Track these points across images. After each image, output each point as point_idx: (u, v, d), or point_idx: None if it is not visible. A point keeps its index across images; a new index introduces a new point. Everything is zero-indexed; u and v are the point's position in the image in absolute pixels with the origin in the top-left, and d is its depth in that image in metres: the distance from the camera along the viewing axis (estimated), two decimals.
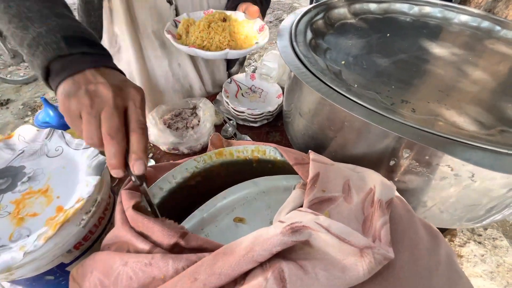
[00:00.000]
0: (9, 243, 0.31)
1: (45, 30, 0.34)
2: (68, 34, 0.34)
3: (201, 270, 0.24)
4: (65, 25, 0.35)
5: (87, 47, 0.35)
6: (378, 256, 0.23)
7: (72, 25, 0.36)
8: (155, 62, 0.78)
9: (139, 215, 0.29)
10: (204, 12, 0.57)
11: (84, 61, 0.34)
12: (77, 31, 0.35)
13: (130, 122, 0.32)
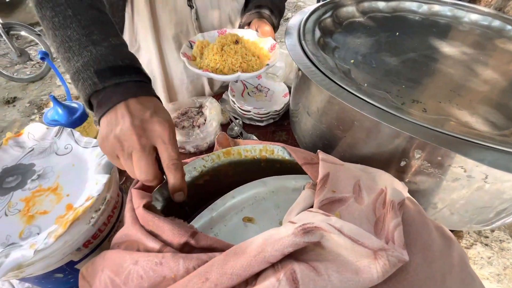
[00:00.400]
0: (19, 240, 0.31)
1: (81, 64, 0.35)
2: (100, 67, 0.35)
3: (212, 270, 0.24)
4: (99, 56, 0.35)
5: (118, 77, 0.35)
6: (393, 259, 0.22)
7: (104, 54, 0.36)
8: (172, 63, 0.80)
9: (149, 214, 0.29)
10: (218, 32, 0.57)
11: (115, 95, 0.34)
12: (110, 60, 0.36)
13: (162, 161, 0.33)
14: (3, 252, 0.29)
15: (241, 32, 0.59)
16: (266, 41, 0.56)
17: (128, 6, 0.68)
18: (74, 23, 0.36)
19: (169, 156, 0.33)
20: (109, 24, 0.39)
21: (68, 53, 0.36)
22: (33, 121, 2.24)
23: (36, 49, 3.03)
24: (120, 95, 0.34)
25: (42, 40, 2.56)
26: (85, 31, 0.36)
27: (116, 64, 0.36)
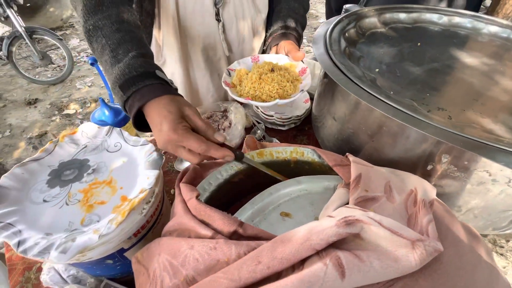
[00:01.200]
0: (81, 227, 0.35)
1: (112, 82, 0.44)
2: (121, 81, 0.43)
3: (263, 255, 0.27)
4: (119, 72, 0.44)
5: (134, 86, 0.43)
6: (429, 248, 0.25)
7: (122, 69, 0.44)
8: (198, 74, 0.84)
9: (202, 204, 0.32)
10: (252, 58, 0.63)
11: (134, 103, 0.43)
12: (126, 73, 0.43)
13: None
14: (69, 237, 0.33)
15: (274, 57, 0.63)
16: (297, 65, 0.61)
17: (155, 22, 0.73)
18: (106, 49, 0.46)
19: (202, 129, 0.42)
20: (132, 41, 0.47)
21: (107, 74, 0.46)
22: (54, 122, 2.32)
23: (57, 53, 3.16)
24: (138, 101, 0.42)
25: (63, 44, 2.66)
26: (113, 53, 0.45)
27: (131, 75, 0.43)
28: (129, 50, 0.45)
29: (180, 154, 0.41)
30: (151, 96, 0.42)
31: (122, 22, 0.48)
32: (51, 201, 0.37)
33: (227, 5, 0.72)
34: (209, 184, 0.41)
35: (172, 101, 0.42)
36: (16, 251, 0.32)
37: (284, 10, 0.76)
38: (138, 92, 0.43)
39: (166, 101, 0.42)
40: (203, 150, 0.40)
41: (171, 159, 0.70)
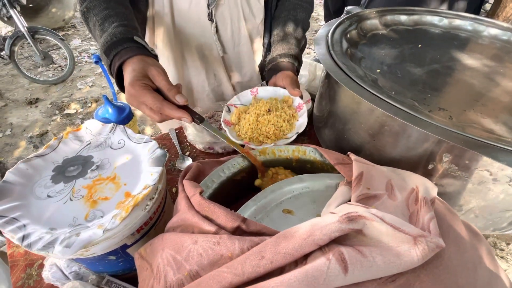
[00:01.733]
0: (85, 222, 0.35)
1: (100, 51, 0.52)
2: (105, 47, 0.50)
3: (266, 249, 0.27)
4: (103, 41, 0.50)
5: (114, 50, 0.49)
6: (431, 244, 0.25)
7: (106, 38, 0.50)
8: (193, 72, 0.84)
9: (206, 200, 0.32)
10: (251, 92, 0.66)
11: (115, 64, 0.49)
12: (108, 40, 0.50)
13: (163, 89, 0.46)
14: (73, 231, 0.33)
15: (272, 91, 0.66)
16: (294, 99, 0.63)
17: (149, 19, 0.74)
18: (96, 25, 0.54)
19: (164, 85, 0.46)
20: (116, 15, 0.54)
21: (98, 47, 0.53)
22: (54, 122, 2.33)
23: (59, 53, 3.17)
24: (118, 61, 0.48)
25: (65, 45, 2.67)
26: (100, 27, 0.53)
27: (112, 41, 0.50)
28: (112, 22, 0.52)
29: (143, 111, 0.46)
30: (126, 56, 0.48)
31: (109, 2, 0.55)
32: (55, 196, 0.37)
33: (220, 7, 0.73)
34: (212, 182, 0.41)
35: (140, 60, 0.47)
36: (21, 245, 0.33)
37: (283, 35, 0.76)
38: (117, 55, 0.49)
39: (135, 61, 0.47)
40: (157, 107, 0.44)
41: (172, 158, 0.70)
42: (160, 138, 0.75)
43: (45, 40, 3.07)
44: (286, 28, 0.77)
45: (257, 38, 0.85)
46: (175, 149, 0.72)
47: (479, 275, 0.28)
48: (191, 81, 0.87)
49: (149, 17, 0.74)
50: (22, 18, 2.53)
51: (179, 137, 0.75)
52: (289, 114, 0.58)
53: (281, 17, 0.78)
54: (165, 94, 0.46)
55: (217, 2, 0.71)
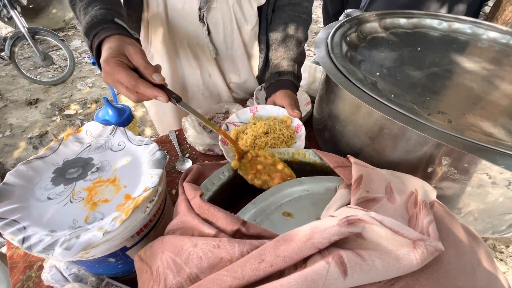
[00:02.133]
0: (85, 225, 0.35)
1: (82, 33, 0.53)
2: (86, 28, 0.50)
3: (266, 253, 0.28)
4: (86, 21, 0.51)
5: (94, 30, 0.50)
6: (430, 248, 0.25)
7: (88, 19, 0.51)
8: (188, 71, 0.85)
9: (206, 203, 0.33)
10: (250, 109, 0.65)
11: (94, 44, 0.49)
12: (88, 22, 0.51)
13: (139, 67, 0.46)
14: (73, 234, 0.33)
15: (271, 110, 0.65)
16: (293, 120, 0.63)
17: (144, 19, 0.74)
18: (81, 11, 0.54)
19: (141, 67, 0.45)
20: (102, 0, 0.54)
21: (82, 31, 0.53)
22: (54, 122, 2.33)
23: (59, 53, 3.17)
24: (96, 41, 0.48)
25: (65, 45, 2.68)
26: (84, 11, 0.54)
27: (93, 22, 0.50)
28: (96, 6, 0.53)
29: (119, 89, 0.45)
30: (104, 35, 0.48)
31: None
32: (56, 198, 0.37)
33: (212, 10, 0.73)
34: (212, 184, 0.42)
35: (118, 39, 0.47)
36: (21, 248, 0.33)
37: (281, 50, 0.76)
38: (97, 35, 0.49)
39: (112, 39, 0.47)
40: (132, 85, 0.43)
41: (172, 159, 0.70)
42: (160, 140, 0.76)
43: (46, 41, 3.07)
44: (284, 42, 0.77)
45: (252, 42, 0.85)
46: (175, 150, 0.72)
47: (478, 278, 0.28)
48: (186, 81, 0.87)
49: (144, 16, 0.75)
50: (23, 19, 2.53)
51: (179, 139, 0.76)
52: (287, 136, 0.59)
53: (278, 31, 0.78)
54: (142, 73, 0.45)
55: (209, 6, 0.71)
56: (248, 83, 0.93)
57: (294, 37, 0.78)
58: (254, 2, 0.76)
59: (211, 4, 0.71)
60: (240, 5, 0.75)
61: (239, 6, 0.75)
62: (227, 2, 0.73)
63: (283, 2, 0.79)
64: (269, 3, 0.78)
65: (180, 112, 0.92)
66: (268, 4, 0.78)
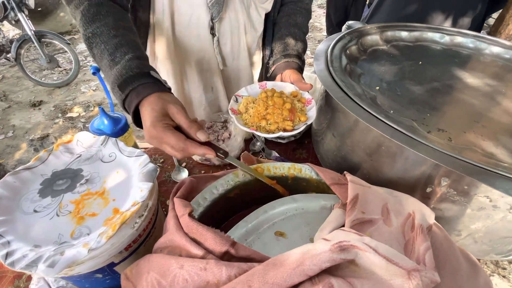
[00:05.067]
0: (71, 240, 0.34)
1: (111, 82, 0.49)
2: (119, 82, 0.47)
3: (254, 278, 0.26)
4: (118, 73, 0.48)
5: (131, 84, 0.47)
6: (426, 279, 0.24)
7: (120, 70, 0.48)
8: (191, 86, 0.84)
9: (194, 222, 0.31)
10: (259, 85, 0.64)
11: (132, 101, 0.47)
12: (123, 74, 0.47)
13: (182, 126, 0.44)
14: (58, 250, 0.32)
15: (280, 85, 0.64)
16: (303, 94, 0.62)
17: (150, 34, 0.74)
18: (105, 53, 0.50)
19: (184, 122, 0.44)
20: (128, 44, 0.51)
21: (106, 76, 0.50)
22: (56, 125, 2.34)
23: (64, 56, 3.20)
24: (136, 100, 0.46)
25: (71, 49, 2.70)
26: (111, 57, 0.49)
27: (128, 75, 0.47)
28: (125, 53, 0.49)
29: (165, 149, 0.44)
30: (145, 94, 0.46)
31: (118, 28, 0.52)
32: (42, 211, 0.36)
33: (223, 20, 0.73)
34: (204, 199, 0.41)
35: (159, 99, 0.45)
36: (4, 263, 0.32)
37: (285, 37, 0.76)
38: (134, 90, 0.47)
39: (153, 99, 0.45)
40: (181, 147, 0.43)
41: (168, 168, 0.69)
42: (157, 149, 0.75)
43: (52, 44, 3.10)
44: (287, 31, 0.77)
45: (256, 51, 0.85)
46: (171, 160, 0.71)
47: None
48: (191, 95, 0.87)
49: (150, 32, 0.74)
50: (30, 21, 2.57)
51: None
52: (299, 108, 0.58)
53: (281, 22, 0.79)
54: (186, 132, 0.44)
55: (221, 16, 0.71)
56: None
57: (297, 25, 0.78)
58: (262, 10, 0.76)
59: (222, 14, 0.71)
60: (249, 14, 0.75)
61: (248, 15, 0.75)
62: (236, 12, 0.73)
63: (285, 1, 0.80)
64: (275, 9, 0.78)
65: None
66: (274, 10, 0.78)
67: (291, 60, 0.71)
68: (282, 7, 0.80)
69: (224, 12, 0.71)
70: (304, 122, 0.56)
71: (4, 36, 2.78)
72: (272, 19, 0.81)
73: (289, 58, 0.71)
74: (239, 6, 0.72)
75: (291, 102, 0.56)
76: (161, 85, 0.49)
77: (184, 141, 0.43)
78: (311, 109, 0.57)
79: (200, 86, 0.83)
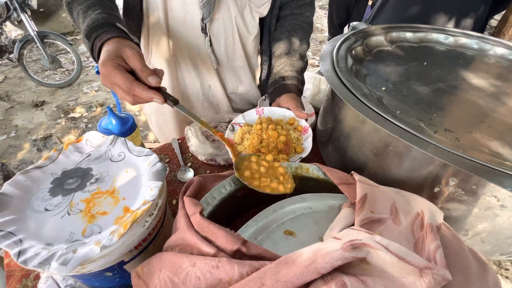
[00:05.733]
0: (82, 238, 0.35)
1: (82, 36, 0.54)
2: (87, 31, 0.52)
3: (266, 276, 0.27)
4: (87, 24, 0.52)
5: (95, 33, 0.51)
6: (437, 277, 0.24)
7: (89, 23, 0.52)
8: (188, 82, 0.84)
9: (206, 220, 0.32)
10: (256, 111, 0.64)
11: (96, 46, 0.50)
12: (89, 24, 0.52)
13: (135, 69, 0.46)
14: (70, 248, 0.33)
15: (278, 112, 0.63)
16: (299, 122, 0.62)
17: (144, 28, 0.75)
18: (80, 14, 0.55)
19: (137, 66, 0.45)
20: (100, 4, 0.55)
21: (81, 34, 0.54)
22: (59, 125, 2.34)
23: (67, 57, 3.21)
24: (98, 44, 0.49)
25: (73, 49, 2.71)
26: (84, 15, 0.54)
27: (94, 25, 0.51)
28: (96, 10, 0.54)
29: (116, 91, 0.45)
30: (106, 38, 0.49)
31: None
32: (53, 210, 0.37)
33: (215, 21, 0.73)
34: (213, 198, 0.41)
35: (117, 42, 0.48)
36: (17, 261, 0.32)
37: (284, 56, 0.77)
38: (98, 37, 0.50)
39: (112, 42, 0.48)
40: (127, 87, 0.43)
41: (174, 168, 0.70)
42: (163, 148, 0.75)
43: (54, 44, 3.11)
44: (287, 49, 0.77)
45: (254, 54, 0.85)
46: (177, 159, 0.72)
47: None
48: (186, 91, 0.87)
49: (144, 26, 0.75)
50: (32, 22, 2.57)
51: (182, 148, 0.75)
52: (295, 137, 0.58)
53: (281, 38, 0.79)
54: (139, 76, 0.45)
55: (212, 17, 0.71)
56: (250, 93, 0.92)
57: (297, 44, 0.78)
58: (256, 13, 0.76)
59: (213, 15, 0.71)
60: (243, 17, 0.75)
61: (242, 17, 0.75)
62: (230, 13, 0.73)
63: (285, 13, 0.80)
64: (272, 15, 0.78)
65: (181, 122, 0.91)
66: (271, 15, 0.78)
67: (290, 82, 0.72)
68: (281, 21, 0.80)
69: (216, 13, 0.71)
70: (299, 154, 0.56)
71: (6, 36, 2.78)
72: (269, 25, 0.80)
73: (288, 80, 0.72)
74: (232, 8, 0.72)
75: (286, 134, 0.56)
76: (123, 33, 0.51)
77: (131, 81, 0.43)
78: (307, 139, 0.57)
79: (197, 81, 0.84)
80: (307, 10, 0.81)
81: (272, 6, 0.76)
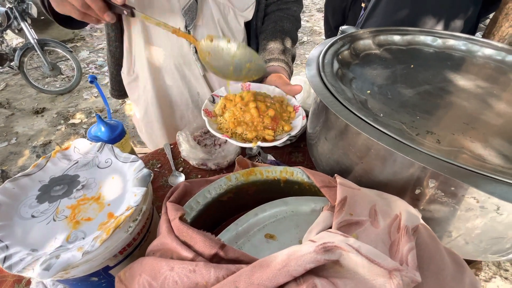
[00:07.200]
0: (66, 244, 0.35)
1: None
2: None
3: (241, 279, 0.27)
4: None
5: None
6: (406, 279, 0.25)
7: None
8: (175, 91, 0.84)
9: (184, 225, 0.32)
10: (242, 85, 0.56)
11: None
12: None
13: None
14: (53, 253, 0.33)
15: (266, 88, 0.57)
16: (290, 100, 0.55)
17: (125, 38, 0.74)
18: None
19: None
20: None
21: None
22: (59, 131, 2.37)
23: (67, 64, 3.25)
24: None
25: (73, 56, 2.75)
26: None
27: None
28: None
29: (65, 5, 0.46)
30: None
31: None
32: (39, 216, 0.38)
33: (199, 28, 0.73)
34: (197, 203, 0.41)
35: None
36: (2, 267, 0.33)
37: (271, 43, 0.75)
38: None
39: None
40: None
41: (165, 173, 0.70)
42: (155, 154, 0.76)
43: (54, 52, 3.15)
44: (274, 37, 0.76)
45: None
46: (169, 164, 0.72)
47: None
48: (176, 99, 0.86)
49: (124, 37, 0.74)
50: (33, 30, 2.61)
51: (173, 153, 0.76)
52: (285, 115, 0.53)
53: (268, 29, 0.78)
54: None
55: (195, 24, 0.71)
56: None
57: (284, 31, 0.76)
58: (241, 18, 0.76)
59: (196, 21, 0.71)
60: (227, 22, 0.75)
61: (225, 22, 0.75)
62: (213, 18, 0.72)
63: (271, 9, 0.80)
64: (258, 18, 0.78)
65: (170, 130, 0.91)
66: (257, 18, 0.78)
67: (277, 64, 0.69)
68: (268, 15, 0.80)
69: (199, 20, 0.71)
70: (287, 132, 0.51)
71: (7, 44, 2.83)
72: (255, 29, 0.80)
73: (275, 62, 0.70)
74: (216, 13, 0.71)
75: (275, 109, 0.50)
76: None
77: None
78: (297, 117, 0.53)
79: (185, 90, 0.83)
80: (294, 5, 0.80)
81: (257, 9, 0.76)
